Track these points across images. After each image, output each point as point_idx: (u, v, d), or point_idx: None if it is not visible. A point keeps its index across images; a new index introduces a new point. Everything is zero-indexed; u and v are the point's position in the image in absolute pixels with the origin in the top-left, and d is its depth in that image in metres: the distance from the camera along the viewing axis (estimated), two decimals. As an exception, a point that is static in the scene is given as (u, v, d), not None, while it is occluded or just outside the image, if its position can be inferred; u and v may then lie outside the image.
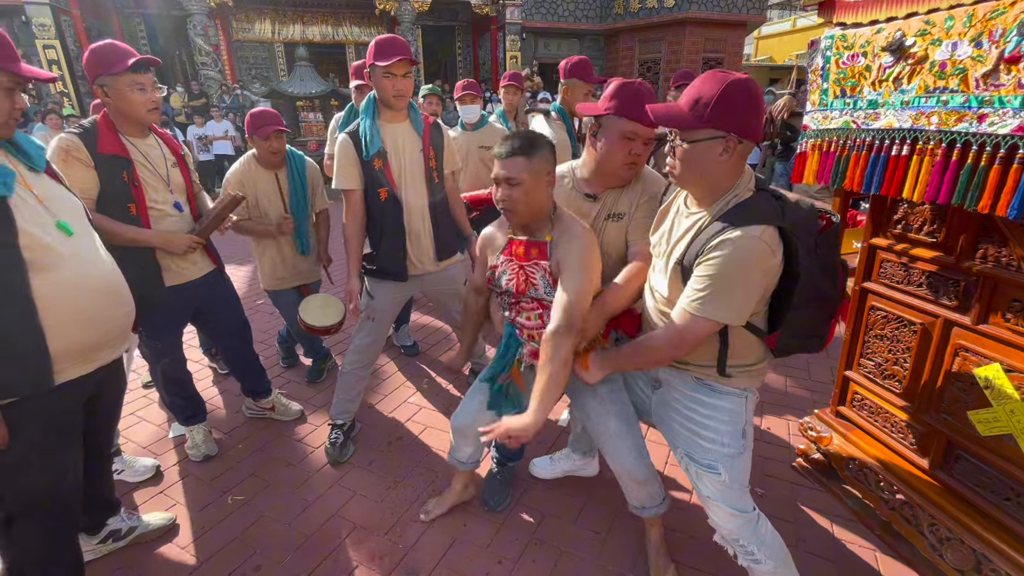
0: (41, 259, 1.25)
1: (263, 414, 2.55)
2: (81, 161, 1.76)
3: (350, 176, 2.03)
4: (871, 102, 1.40)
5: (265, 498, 2.05)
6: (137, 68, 1.78)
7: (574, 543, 1.83)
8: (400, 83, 1.94)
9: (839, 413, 1.96)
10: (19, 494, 1.35)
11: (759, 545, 1.38)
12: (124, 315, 1.49)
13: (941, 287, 1.53)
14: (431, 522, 1.91)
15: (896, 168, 1.34)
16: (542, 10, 14.37)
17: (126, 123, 1.86)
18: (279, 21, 12.67)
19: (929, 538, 1.58)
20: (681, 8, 13.53)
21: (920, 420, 1.64)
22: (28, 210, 1.25)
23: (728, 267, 1.14)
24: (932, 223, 1.53)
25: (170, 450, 2.36)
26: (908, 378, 1.66)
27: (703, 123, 1.15)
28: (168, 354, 2.13)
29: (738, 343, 1.28)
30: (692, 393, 1.38)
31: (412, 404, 2.70)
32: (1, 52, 1.22)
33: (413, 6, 12.26)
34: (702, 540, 1.83)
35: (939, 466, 1.61)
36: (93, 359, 1.42)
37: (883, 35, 1.35)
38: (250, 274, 4.89)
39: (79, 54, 10.51)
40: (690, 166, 1.21)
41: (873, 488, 1.77)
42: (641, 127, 1.44)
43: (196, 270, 2.10)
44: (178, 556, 1.79)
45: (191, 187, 2.08)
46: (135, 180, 1.84)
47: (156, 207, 1.92)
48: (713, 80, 1.15)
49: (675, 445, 1.45)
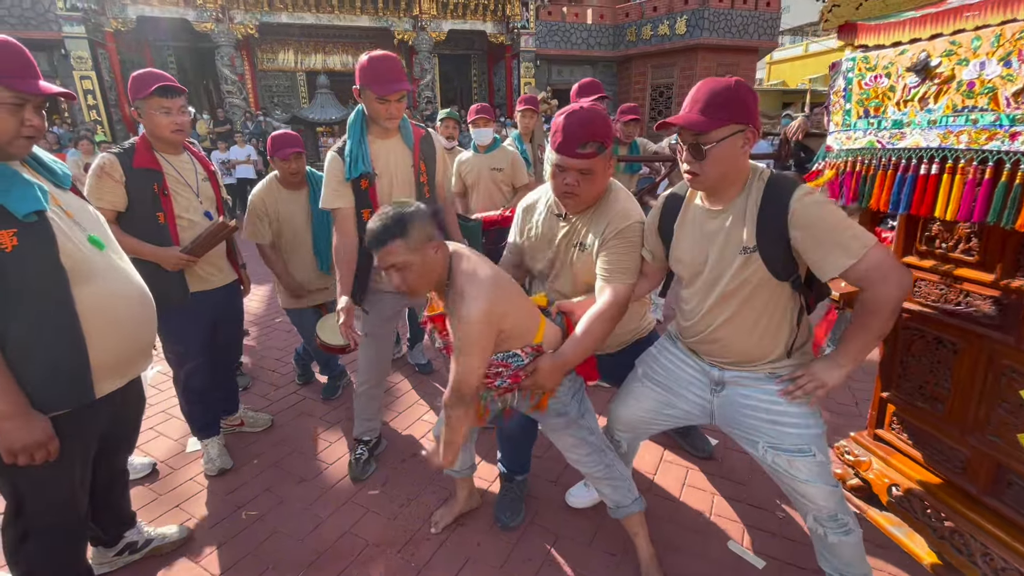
0: (81, 270, 1.29)
1: (232, 430, 2.58)
2: (111, 177, 1.91)
3: (339, 195, 1.97)
4: (896, 122, 1.40)
5: (279, 514, 2.05)
6: (163, 93, 1.91)
7: (589, 565, 1.79)
8: (394, 108, 1.90)
9: (878, 436, 1.89)
10: (42, 510, 1.36)
11: (850, 514, 1.44)
12: (153, 329, 1.53)
13: (981, 306, 1.49)
14: (444, 540, 1.89)
15: (926, 187, 1.33)
16: (556, 37, 14.74)
17: (158, 142, 2.01)
18: (301, 51, 13.17)
19: (983, 568, 1.49)
20: (693, 35, 13.77)
21: (966, 443, 1.57)
22: (63, 224, 1.29)
23: (829, 211, 1.22)
24: (968, 241, 1.50)
25: (185, 465, 2.38)
26: (950, 399, 1.60)
27: (724, 121, 1.24)
28: (191, 359, 2.18)
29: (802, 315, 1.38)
30: (767, 386, 1.41)
31: (426, 422, 2.70)
32: (6, 67, 1.18)
33: (430, 36, 12.68)
34: (703, 557, 1.79)
35: (989, 492, 1.54)
36: (125, 373, 1.45)
37: (907, 56, 1.36)
38: (268, 292, 4.98)
39: (113, 84, 11.04)
40: (718, 164, 1.28)
41: (919, 515, 1.69)
42: (568, 160, 1.47)
43: (222, 278, 2.23)
44: (192, 570, 1.79)
45: (220, 199, 2.23)
46: (165, 190, 1.97)
47: (185, 216, 2.05)
48: (717, 84, 1.27)
49: (754, 441, 1.45)
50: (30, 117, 1.24)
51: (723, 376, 1.48)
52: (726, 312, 1.39)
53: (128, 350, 1.42)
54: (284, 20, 11.73)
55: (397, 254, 1.30)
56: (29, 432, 1.21)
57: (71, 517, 1.42)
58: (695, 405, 1.57)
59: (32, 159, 1.34)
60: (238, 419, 2.60)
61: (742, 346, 1.41)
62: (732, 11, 13.99)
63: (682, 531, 1.93)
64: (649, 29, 14.49)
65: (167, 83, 1.91)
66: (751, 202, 1.31)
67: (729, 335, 1.41)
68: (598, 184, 1.53)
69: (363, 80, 1.86)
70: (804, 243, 1.24)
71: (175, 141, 2.02)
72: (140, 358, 1.50)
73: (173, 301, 2.01)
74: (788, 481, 1.43)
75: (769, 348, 1.40)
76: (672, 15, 14.09)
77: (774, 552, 1.83)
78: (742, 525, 1.95)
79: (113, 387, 1.40)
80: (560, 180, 1.53)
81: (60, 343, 1.26)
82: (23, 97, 1.21)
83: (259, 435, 2.59)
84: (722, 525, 1.96)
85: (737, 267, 1.32)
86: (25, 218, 1.19)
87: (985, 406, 1.50)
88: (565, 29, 14.85)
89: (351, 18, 12.14)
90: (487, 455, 2.38)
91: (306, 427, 2.67)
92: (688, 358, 1.57)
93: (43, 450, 1.24)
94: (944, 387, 1.61)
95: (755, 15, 14.32)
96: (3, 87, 1.18)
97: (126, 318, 1.39)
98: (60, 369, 1.27)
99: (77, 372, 1.29)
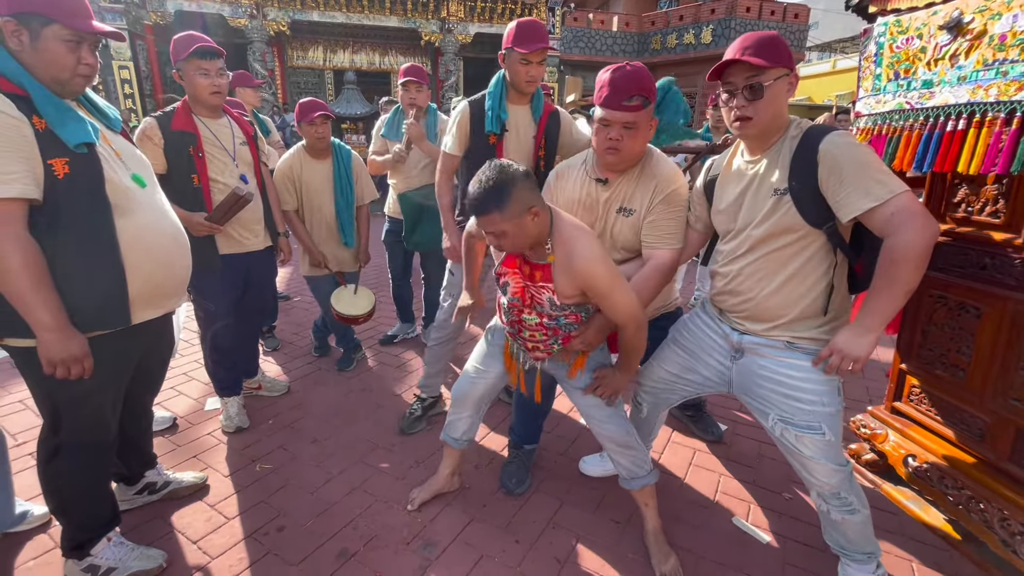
0: (123, 203, 1.37)
1: (250, 393, 2.64)
2: (151, 140, 2.00)
3: (459, 143, 2.12)
4: (925, 82, 1.43)
5: (291, 468, 2.11)
6: (202, 55, 1.99)
7: (592, 530, 1.81)
8: (535, 70, 1.99)
9: (895, 409, 1.90)
10: (75, 426, 1.44)
11: (856, 495, 1.43)
12: (186, 266, 1.60)
13: (1006, 268, 1.49)
14: (450, 501, 1.92)
15: (951, 144, 1.35)
16: (580, 43, 14.84)
17: (197, 105, 2.08)
18: (330, 49, 13.44)
19: (1000, 533, 1.50)
20: (719, 44, 13.76)
21: (987, 410, 1.58)
22: (111, 159, 1.38)
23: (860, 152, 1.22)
24: (996, 203, 1.51)
25: (204, 421, 2.45)
26: (972, 366, 1.60)
27: (776, 63, 1.27)
28: (219, 319, 2.25)
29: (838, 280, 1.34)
30: (785, 359, 1.40)
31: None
32: (64, 7, 1.26)
33: (457, 39, 12.86)
34: (706, 529, 1.79)
35: (1009, 458, 1.54)
36: (161, 305, 1.53)
37: (939, 16, 1.40)
38: (291, 270, 5.08)
39: (149, 75, 11.43)
40: (770, 104, 1.30)
41: (936, 485, 1.70)
42: (613, 113, 1.50)
43: (256, 243, 2.28)
44: (207, 513, 1.85)
45: (258, 164, 2.28)
46: (199, 152, 2.04)
47: (219, 180, 2.11)
48: (761, 33, 1.31)
49: (766, 412, 1.45)
50: (86, 56, 1.32)
51: (742, 341, 1.48)
52: (754, 260, 1.39)
53: (163, 282, 1.49)
54: (315, 18, 12.00)
55: (495, 223, 1.33)
56: (66, 346, 1.28)
57: (100, 438, 1.50)
58: (715, 371, 1.58)
59: (87, 101, 1.43)
60: (256, 383, 2.67)
61: (767, 301, 1.39)
62: (759, 22, 13.95)
63: (688, 505, 1.94)
64: (674, 38, 14.52)
65: (206, 45, 1.99)
66: (786, 148, 1.32)
67: (754, 287, 1.41)
68: (640, 140, 1.55)
69: (509, 42, 1.97)
70: (828, 182, 1.23)
71: (214, 104, 2.09)
72: (174, 291, 1.56)
73: (203, 265, 2.06)
74: (794, 455, 1.44)
75: (793, 306, 1.36)
76: (698, 24, 14.10)
77: (779, 529, 1.82)
78: (748, 504, 1.95)
79: (148, 316, 1.47)
80: (603, 135, 1.54)
81: (101, 268, 1.33)
82: (80, 35, 1.29)
83: (275, 399, 2.66)
84: (728, 503, 1.96)
85: (768, 209, 1.33)
86: (76, 148, 1.27)
87: (1008, 370, 1.50)
88: (590, 35, 14.95)
89: (380, 18, 12.37)
90: (497, 427, 2.41)
91: (321, 395, 2.73)
92: (712, 322, 1.59)
93: (79, 365, 1.31)
94: (966, 353, 1.61)
95: (782, 27, 14.26)
96: (62, 25, 1.26)
97: (161, 251, 1.46)
98: (100, 292, 1.34)
99: (115, 296, 1.36)
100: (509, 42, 1.97)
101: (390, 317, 3.78)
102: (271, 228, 2.36)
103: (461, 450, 1.91)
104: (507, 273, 1.52)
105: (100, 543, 1.54)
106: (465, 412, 1.84)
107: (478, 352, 1.82)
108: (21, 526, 1.72)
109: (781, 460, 2.18)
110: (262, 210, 2.30)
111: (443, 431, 1.91)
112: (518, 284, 1.50)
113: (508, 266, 1.52)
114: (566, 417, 2.55)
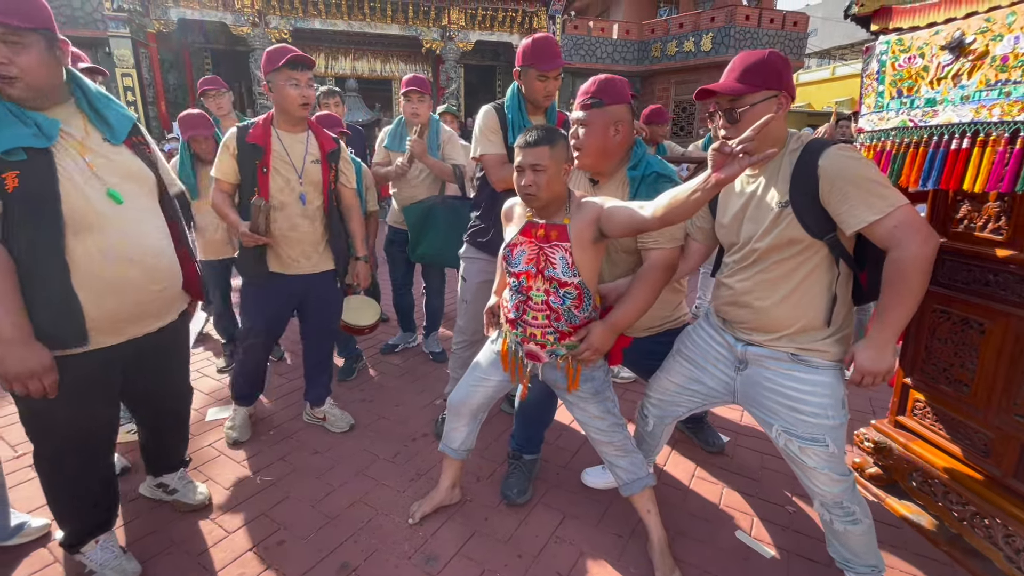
0: (85, 220, 1.30)
1: (317, 422, 2.51)
2: (228, 149, 2.05)
3: (492, 143, 2.09)
4: (928, 100, 1.44)
5: (292, 481, 2.10)
6: (293, 65, 1.95)
7: (595, 544, 1.80)
8: (552, 85, 2.04)
9: (898, 423, 1.89)
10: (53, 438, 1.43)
11: (859, 505, 1.44)
12: (158, 292, 1.49)
13: (1009, 285, 1.50)
14: (452, 514, 1.91)
15: (956, 162, 1.36)
16: (581, 51, 14.91)
17: (282, 117, 2.05)
18: (332, 56, 13.53)
19: (1005, 550, 1.50)
20: (719, 52, 13.82)
21: (991, 426, 1.57)
22: (76, 172, 1.30)
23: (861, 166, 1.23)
24: (998, 220, 1.52)
25: (204, 432, 2.44)
26: (976, 381, 1.60)
27: (756, 87, 1.29)
28: (252, 336, 2.22)
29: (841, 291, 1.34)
30: (788, 371, 1.40)
31: (437, 406, 2.73)
32: None
33: (458, 46, 12.93)
34: (710, 543, 1.78)
35: (1013, 474, 1.54)
36: (120, 331, 1.44)
37: (941, 36, 1.41)
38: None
39: (152, 83, 11.48)
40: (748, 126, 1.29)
41: (940, 500, 1.69)
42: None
43: (308, 266, 2.18)
44: (207, 526, 1.84)
45: (327, 184, 2.15)
46: (264, 167, 2.01)
47: (277, 197, 2.05)
48: (752, 54, 1.32)
49: (770, 423, 1.45)
50: None
51: (747, 353, 1.48)
52: (758, 272, 1.40)
53: (117, 308, 1.40)
54: (317, 26, 12.08)
55: (543, 157, 1.46)
56: (22, 361, 1.23)
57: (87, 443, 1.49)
58: (719, 382, 1.58)
59: (89, 109, 1.38)
60: (322, 413, 2.49)
61: (771, 313, 1.40)
62: (759, 30, 14.02)
63: (690, 518, 1.93)
64: (674, 45, 14.58)
65: (298, 55, 1.94)
66: (786, 162, 1.34)
67: (758, 299, 1.41)
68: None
69: (526, 60, 2.00)
70: (830, 196, 1.24)
71: (300, 115, 2.04)
72: (140, 319, 1.48)
73: (248, 274, 2.07)
74: (798, 464, 1.44)
75: (797, 317, 1.37)
76: (698, 32, 14.17)
77: (783, 543, 1.81)
78: (751, 517, 1.94)
79: (109, 342, 1.42)
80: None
81: (50, 286, 1.28)
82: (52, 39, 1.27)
83: (276, 410, 2.65)
84: (731, 516, 1.95)
85: (770, 222, 1.34)
86: (6, 155, 1.20)
87: (1012, 386, 1.50)
88: (590, 43, 15.03)
89: (382, 26, 12.45)
90: (498, 439, 2.40)
91: (321, 404, 2.72)
92: (717, 333, 1.59)
93: (37, 382, 1.26)
94: (970, 369, 1.61)
95: (781, 35, 14.33)
96: None
97: (115, 275, 1.36)
98: (54, 311, 1.29)
99: (67, 315, 1.31)
100: (527, 60, 2.00)
101: (391, 326, 3.78)
102: (336, 251, 2.24)
103: (461, 461, 1.91)
104: (522, 243, 1.58)
105: (89, 544, 1.58)
106: (462, 421, 1.84)
107: (478, 361, 1.82)
108: (16, 539, 1.70)
109: (784, 472, 2.17)
110: (319, 234, 2.18)
111: (441, 442, 1.90)
112: (532, 250, 1.55)
113: (525, 235, 1.59)
114: (568, 429, 2.54)
